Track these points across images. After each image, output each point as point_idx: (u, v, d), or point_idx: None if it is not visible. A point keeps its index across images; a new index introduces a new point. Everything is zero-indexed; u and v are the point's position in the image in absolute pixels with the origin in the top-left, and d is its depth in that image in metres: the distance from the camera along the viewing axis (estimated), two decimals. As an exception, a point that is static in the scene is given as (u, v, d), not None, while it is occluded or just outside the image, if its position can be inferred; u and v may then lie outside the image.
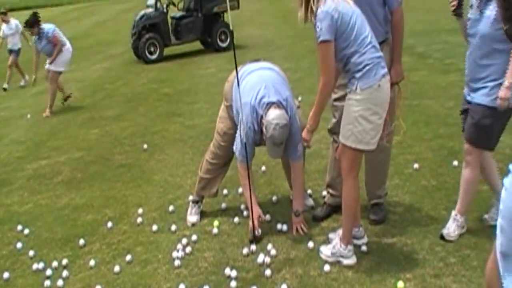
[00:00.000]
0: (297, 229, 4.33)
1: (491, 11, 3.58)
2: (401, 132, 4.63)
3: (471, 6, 3.78)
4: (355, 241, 3.97)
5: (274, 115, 3.98)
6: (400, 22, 4.15)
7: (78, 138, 7.55)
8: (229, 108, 4.43)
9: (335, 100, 4.22)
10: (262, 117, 4.06)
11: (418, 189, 4.85)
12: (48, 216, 5.15)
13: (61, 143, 7.38)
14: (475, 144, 3.84)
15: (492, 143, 3.85)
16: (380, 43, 3.92)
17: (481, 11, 3.68)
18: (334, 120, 4.29)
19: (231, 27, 4.27)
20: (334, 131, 4.23)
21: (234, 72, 4.24)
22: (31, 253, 4.42)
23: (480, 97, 3.72)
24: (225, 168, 4.74)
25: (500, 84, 3.58)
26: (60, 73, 9.26)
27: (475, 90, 3.77)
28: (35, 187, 5.94)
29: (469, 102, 3.85)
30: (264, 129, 4.03)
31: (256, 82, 4.18)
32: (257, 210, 4.31)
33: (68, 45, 9.25)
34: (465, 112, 3.97)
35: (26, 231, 4.83)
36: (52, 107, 9.22)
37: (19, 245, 4.57)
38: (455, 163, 5.18)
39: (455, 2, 3.88)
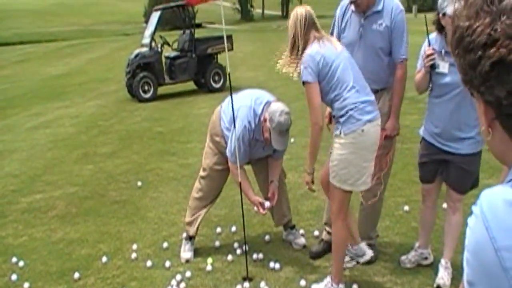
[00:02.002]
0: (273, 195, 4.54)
1: None
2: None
3: (438, 65, 3.78)
4: (359, 259, 4.18)
5: (276, 106, 4.23)
6: (402, 78, 4.14)
7: (72, 173, 7.60)
8: (217, 138, 4.58)
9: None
10: (260, 116, 4.26)
11: (408, 231, 4.96)
12: (43, 249, 5.18)
13: (56, 178, 7.43)
14: (468, 190, 3.95)
15: (478, 180, 3.98)
16: (381, 90, 4.08)
17: (450, 63, 3.68)
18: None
19: (227, 69, 4.44)
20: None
21: (218, 107, 4.65)
22: (26, 285, 4.44)
23: (468, 147, 3.78)
24: (206, 209, 4.82)
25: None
26: None
27: (458, 140, 3.80)
28: (30, 220, 5.97)
29: (448, 153, 3.86)
30: (268, 123, 4.18)
31: (248, 93, 4.54)
32: (256, 199, 4.46)
33: None
34: (433, 162, 3.99)
35: (21, 263, 4.85)
36: None
37: (14, 277, 4.59)
38: (444, 205, 5.25)
39: (434, 56, 3.78)
